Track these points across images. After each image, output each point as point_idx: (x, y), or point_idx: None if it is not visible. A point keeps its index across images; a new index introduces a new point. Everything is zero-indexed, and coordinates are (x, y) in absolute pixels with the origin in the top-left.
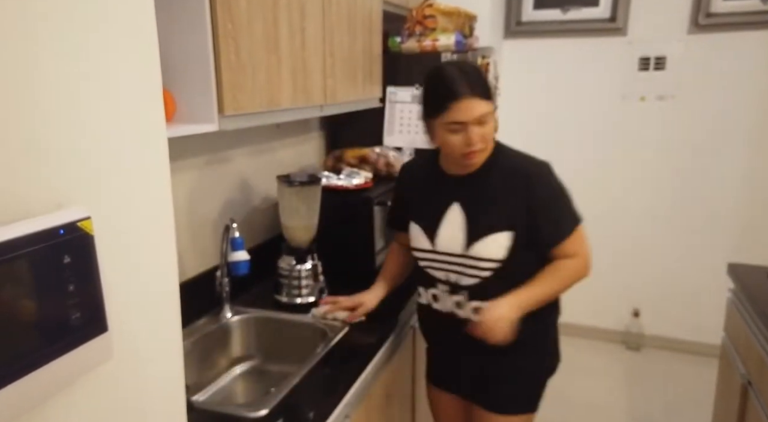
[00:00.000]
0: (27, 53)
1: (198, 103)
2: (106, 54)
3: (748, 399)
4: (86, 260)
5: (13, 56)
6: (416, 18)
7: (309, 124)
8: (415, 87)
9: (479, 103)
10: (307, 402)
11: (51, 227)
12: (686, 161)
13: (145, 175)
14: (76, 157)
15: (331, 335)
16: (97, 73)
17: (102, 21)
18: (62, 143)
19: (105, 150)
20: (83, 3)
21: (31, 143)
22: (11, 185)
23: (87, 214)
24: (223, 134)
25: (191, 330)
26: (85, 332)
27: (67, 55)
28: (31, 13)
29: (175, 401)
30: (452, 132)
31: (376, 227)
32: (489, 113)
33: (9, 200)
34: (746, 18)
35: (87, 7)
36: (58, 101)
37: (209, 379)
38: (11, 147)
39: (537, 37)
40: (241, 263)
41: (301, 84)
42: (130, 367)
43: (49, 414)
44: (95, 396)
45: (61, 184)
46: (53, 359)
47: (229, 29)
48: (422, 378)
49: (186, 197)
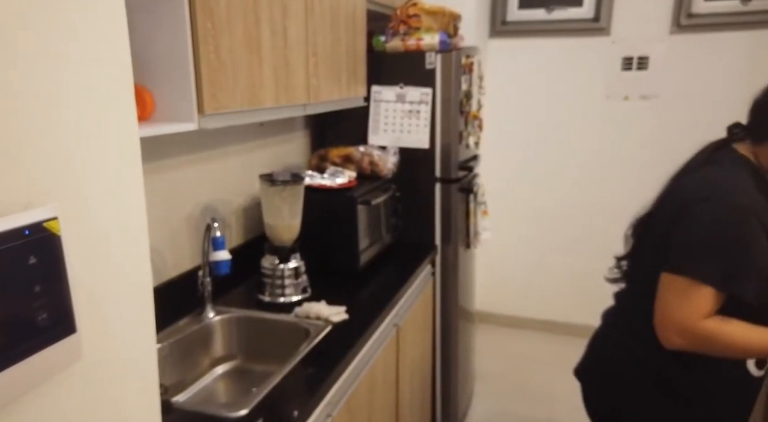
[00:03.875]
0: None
1: (177, 102)
2: (75, 52)
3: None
4: (53, 260)
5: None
6: (401, 17)
7: (293, 123)
8: (399, 86)
9: None
10: (289, 401)
11: (16, 227)
12: (670, 160)
13: (116, 174)
14: (45, 157)
15: (313, 334)
16: (67, 71)
17: (70, 19)
18: (30, 142)
19: (75, 149)
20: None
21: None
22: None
23: (54, 214)
24: (205, 132)
25: (173, 330)
26: (52, 333)
27: (36, 54)
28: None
29: (149, 401)
30: None
31: (360, 226)
32: None
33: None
34: (727, 19)
35: (55, 6)
36: (25, 100)
37: (191, 379)
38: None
39: (522, 36)
40: (223, 262)
41: (284, 83)
42: (102, 368)
43: (19, 414)
44: (66, 398)
45: (30, 184)
46: (20, 360)
47: (209, 28)
48: (406, 377)
49: (167, 196)
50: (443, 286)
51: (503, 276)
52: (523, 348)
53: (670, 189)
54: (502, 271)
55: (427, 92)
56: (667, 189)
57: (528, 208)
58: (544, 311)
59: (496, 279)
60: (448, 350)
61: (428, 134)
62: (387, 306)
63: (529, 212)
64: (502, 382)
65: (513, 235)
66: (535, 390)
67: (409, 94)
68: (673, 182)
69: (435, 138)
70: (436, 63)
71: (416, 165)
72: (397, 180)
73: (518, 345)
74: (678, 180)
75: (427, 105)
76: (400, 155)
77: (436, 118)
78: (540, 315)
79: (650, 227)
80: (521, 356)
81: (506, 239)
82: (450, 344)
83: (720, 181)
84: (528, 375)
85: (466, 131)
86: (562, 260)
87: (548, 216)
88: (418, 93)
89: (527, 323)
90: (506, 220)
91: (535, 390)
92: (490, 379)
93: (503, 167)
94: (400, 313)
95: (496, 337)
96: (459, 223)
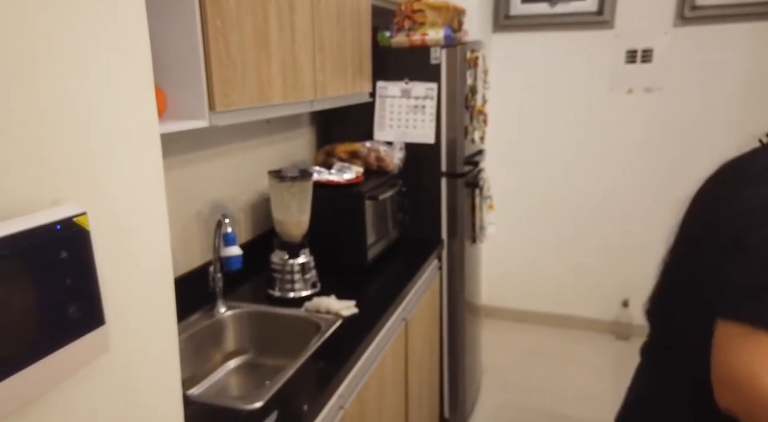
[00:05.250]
0: (22, 53)
1: (188, 100)
2: (99, 52)
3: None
4: (83, 254)
5: (8, 55)
6: (405, 12)
7: (299, 119)
8: (404, 81)
9: None
10: (302, 394)
11: (48, 222)
12: (673, 153)
13: (139, 170)
14: (71, 154)
15: (324, 328)
16: (91, 70)
17: (95, 19)
18: (57, 140)
19: (99, 147)
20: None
21: (27, 141)
22: (8, 183)
23: (83, 210)
24: (214, 129)
25: (185, 325)
26: (83, 325)
27: (62, 54)
28: (25, 12)
29: (171, 393)
30: None
31: (368, 221)
32: None
33: (6, 196)
34: (731, 10)
35: (80, 5)
36: (53, 100)
37: (204, 373)
38: (7, 146)
39: (525, 30)
40: (234, 257)
41: (291, 79)
42: (127, 360)
43: (48, 405)
44: (94, 388)
45: (57, 181)
46: (52, 351)
47: (219, 26)
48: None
49: (177, 193)
50: (450, 280)
51: (509, 270)
52: (530, 342)
53: (714, 206)
54: (507, 265)
55: (433, 87)
56: (710, 205)
57: (532, 202)
58: (549, 305)
59: (502, 273)
60: (456, 344)
61: (434, 129)
62: (395, 300)
63: (533, 206)
64: (509, 375)
65: (518, 229)
66: (542, 383)
67: (415, 89)
68: (717, 197)
69: (440, 133)
70: (441, 58)
71: (422, 160)
72: (404, 175)
73: (524, 338)
74: (726, 195)
75: (432, 100)
76: (406, 151)
77: (442, 113)
78: (546, 309)
79: (688, 257)
80: (527, 350)
81: (511, 233)
82: (457, 338)
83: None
84: (534, 368)
85: (472, 125)
86: (567, 253)
87: (553, 210)
88: (424, 88)
89: (533, 317)
90: (511, 214)
91: (541, 383)
92: (497, 373)
93: (508, 161)
94: (409, 307)
95: (503, 331)
96: (465, 217)
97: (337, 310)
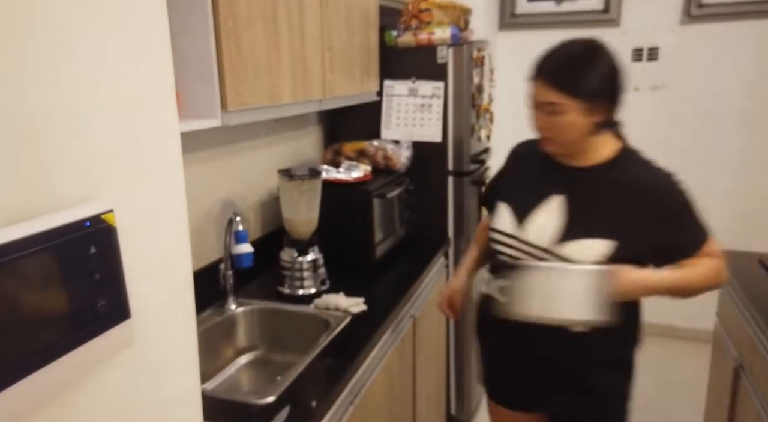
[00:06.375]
0: (55, 56)
1: (201, 100)
2: (125, 55)
3: (740, 381)
4: (110, 250)
5: (42, 59)
6: (412, 12)
7: (307, 118)
8: (411, 80)
9: (545, 91)
10: (313, 389)
11: (78, 219)
12: (679, 151)
13: (161, 169)
14: (99, 153)
15: (333, 325)
16: (117, 73)
17: (120, 23)
18: (87, 140)
19: (125, 146)
20: (100, 6)
21: (59, 141)
22: (40, 181)
23: (110, 207)
24: (223, 129)
25: (197, 321)
26: (110, 319)
27: (92, 58)
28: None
29: (191, 386)
30: (530, 108)
31: (376, 219)
32: (556, 103)
33: (38, 194)
34: (737, 8)
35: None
36: (84, 102)
37: (215, 369)
38: (40, 146)
39: (531, 29)
40: (245, 255)
41: (301, 79)
42: (149, 354)
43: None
44: (119, 381)
45: (86, 179)
46: (81, 344)
47: (231, 26)
48: (422, 367)
49: (189, 191)
50: None
51: None
52: None
53: None
54: None
55: (439, 86)
56: None
57: None
58: None
59: None
60: (462, 342)
61: (440, 128)
62: (403, 298)
63: None
64: None
65: None
66: None
67: (421, 88)
68: None
69: (447, 132)
70: (447, 57)
71: (429, 159)
72: (411, 174)
73: None
74: None
75: (439, 99)
76: (413, 149)
77: (448, 111)
78: None
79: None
80: None
81: None
82: (464, 336)
83: None
84: None
85: (478, 124)
86: None
87: None
88: (430, 87)
89: None
90: None
91: None
92: None
93: None
94: (416, 304)
95: None
96: (471, 215)
97: (346, 307)
